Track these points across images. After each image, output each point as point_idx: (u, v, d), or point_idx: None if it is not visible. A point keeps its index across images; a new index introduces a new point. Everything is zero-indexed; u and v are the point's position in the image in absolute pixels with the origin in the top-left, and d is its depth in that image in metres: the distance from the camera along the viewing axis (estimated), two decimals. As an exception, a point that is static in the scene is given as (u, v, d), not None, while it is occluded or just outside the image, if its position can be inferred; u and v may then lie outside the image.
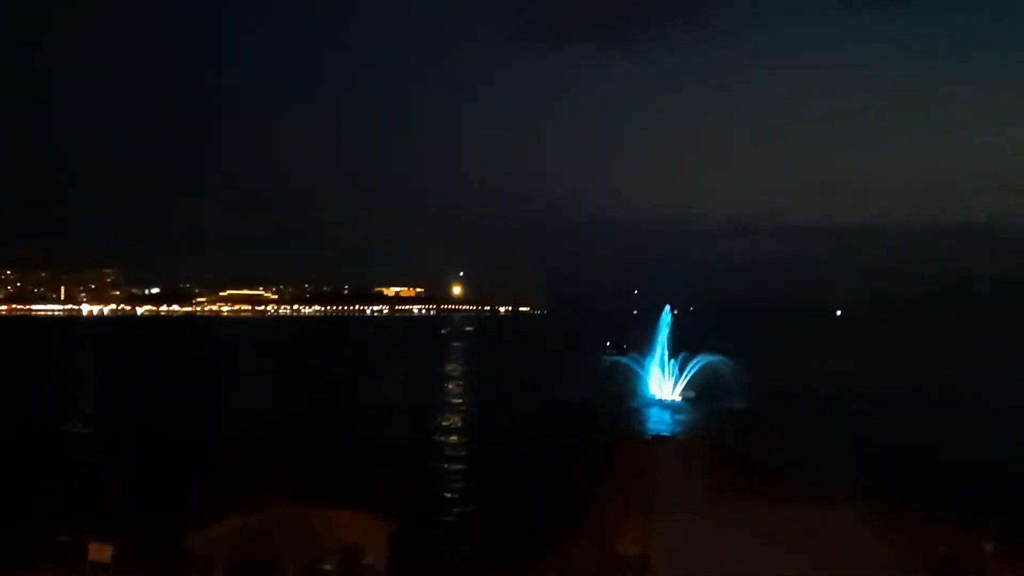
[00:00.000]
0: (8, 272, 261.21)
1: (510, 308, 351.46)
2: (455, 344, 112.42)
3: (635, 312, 48.10)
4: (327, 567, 12.53)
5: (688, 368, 43.78)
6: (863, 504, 20.88)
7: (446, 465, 27.01)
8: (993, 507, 21.54)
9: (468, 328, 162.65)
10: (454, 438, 32.82)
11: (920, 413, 40.09)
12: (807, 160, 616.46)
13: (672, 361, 44.37)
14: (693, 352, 44.42)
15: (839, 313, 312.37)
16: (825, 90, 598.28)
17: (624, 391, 43.40)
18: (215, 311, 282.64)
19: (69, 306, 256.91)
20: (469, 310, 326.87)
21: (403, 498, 20.99)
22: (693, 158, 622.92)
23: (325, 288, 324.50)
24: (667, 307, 46.25)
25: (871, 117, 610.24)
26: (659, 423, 36.35)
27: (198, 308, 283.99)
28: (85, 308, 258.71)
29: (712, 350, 45.05)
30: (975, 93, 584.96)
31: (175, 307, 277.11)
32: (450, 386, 52.62)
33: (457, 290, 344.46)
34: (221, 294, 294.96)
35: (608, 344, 53.45)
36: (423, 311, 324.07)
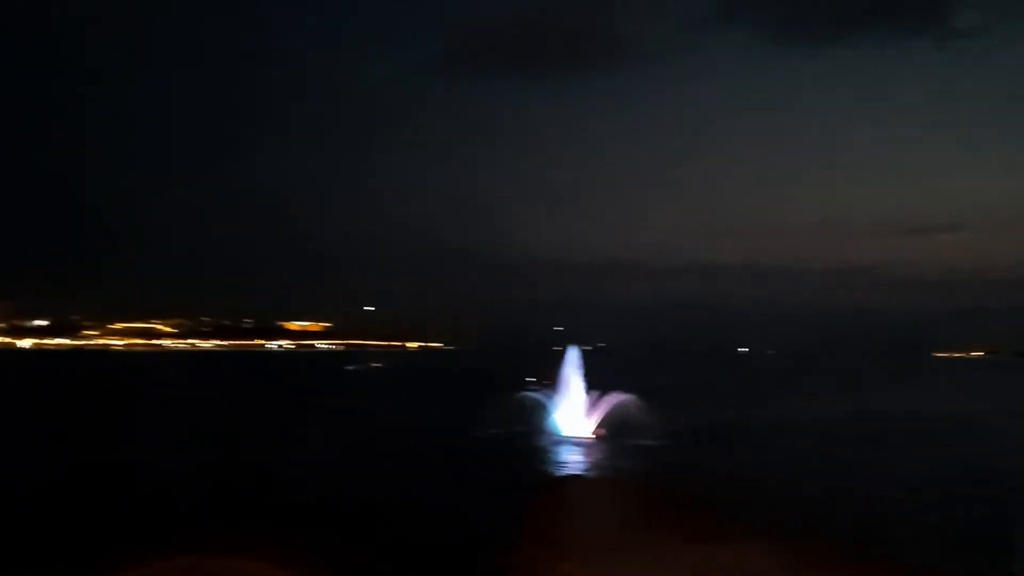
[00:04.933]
0: None
1: (420, 344, 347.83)
2: (360, 381, 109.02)
3: (556, 349, 47.64)
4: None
5: (600, 405, 42.81)
6: (776, 543, 20.17)
7: (347, 509, 24.56)
8: (907, 546, 21.06)
9: (376, 364, 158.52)
10: (354, 478, 30.30)
11: (836, 450, 40.12)
12: (725, 201, 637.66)
13: (584, 398, 43.34)
14: (605, 390, 43.64)
15: (745, 351, 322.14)
16: (742, 133, 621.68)
17: (535, 429, 42.14)
18: (105, 345, 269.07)
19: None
20: (378, 346, 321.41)
21: (306, 545, 19.28)
22: (611, 198, 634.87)
23: (225, 322, 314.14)
24: (576, 345, 45.37)
25: (781, 160, 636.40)
26: (569, 461, 35.00)
27: (86, 342, 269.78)
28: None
29: (625, 388, 44.39)
30: (885, 137, 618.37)
31: (62, 340, 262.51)
32: (351, 425, 49.98)
33: (365, 325, 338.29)
34: (112, 327, 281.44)
35: (529, 381, 52.23)
36: (330, 347, 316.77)
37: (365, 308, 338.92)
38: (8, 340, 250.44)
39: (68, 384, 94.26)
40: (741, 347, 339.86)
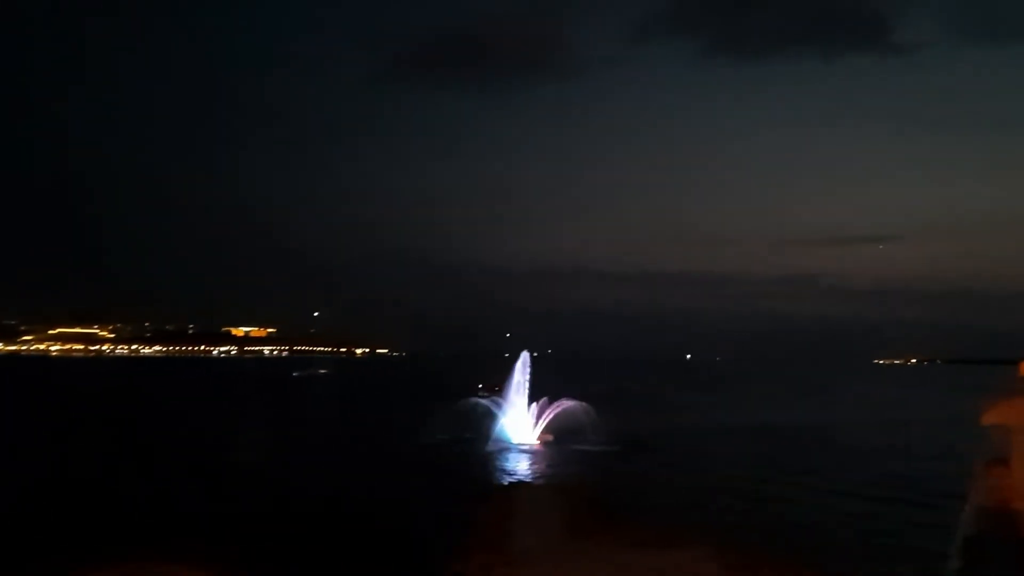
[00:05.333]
0: None
1: (368, 350, 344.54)
2: (306, 387, 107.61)
3: (507, 355, 47.60)
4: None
5: (546, 412, 43.03)
6: (715, 548, 20.55)
7: (289, 518, 24.21)
8: (847, 552, 21.56)
9: (323, 370, 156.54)
10: (296, 486, 29.91)
11: (776, 455, 40.88)
12: (662, 211, 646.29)
13: (531, 405, 43.52)
14: (553, 396, 43.90)
15: (688, 357, 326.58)
16: (683, 142, 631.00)
17: (482, 435, 42.17)
18: (43, 351, 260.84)
19: None
20: (325, 352, 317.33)
21: (246, 555, 18.68)
22: (552, 206, 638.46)
23: (168, 327, 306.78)
24: (525, 351, 45.50)
25: (725, 170, 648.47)
26: (516, 468, 35.13)
27: (23, 347, 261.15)
28: None
29: (572, 394, 44.75)
30: (822, 149, 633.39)
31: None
32: (294, 432, 49.33)
33: (312, 331, 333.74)
34: (51, 332, 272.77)
35: (480, 387, 52.24)
36: (275, 352, 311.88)
37: (312, 313, 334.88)
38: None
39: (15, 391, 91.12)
40: (686, 353, 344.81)
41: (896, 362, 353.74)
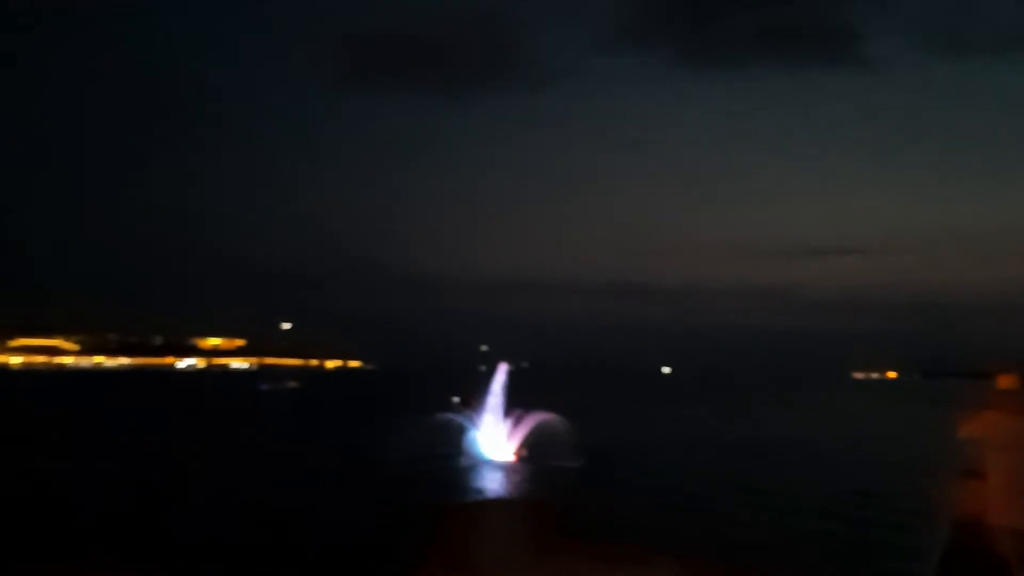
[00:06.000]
0: None
1: (339, 363, 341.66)
2: (274, 401, 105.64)
3: (482, 368, 46.55)
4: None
5: (521, 426, 42.01)
6: (682, 565, 19.81)
7: (247, 533, 22.94)
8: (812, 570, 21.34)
9: (292, 384, 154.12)
10: (260, 500, 28.61)
11: (750, 470, 40.42)
12: (630, 222, 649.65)
13: (506, 419, 42.49)
14: (526, 410, 42.89)
15: (666, 371, 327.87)
16: (650, 153, 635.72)
17: (455, 450, 41.07)
18: (2, 363, 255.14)
19: None
20: (295, 364, 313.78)
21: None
22: (518, 216, 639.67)
23: (133, 338, 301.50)
24: (502, 364, 44.55)
25: (692, 182, 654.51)
26: (489, 483, 34.23)
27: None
28: None
29: (546, 408, 43.79)
30: (792, 161, 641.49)
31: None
32: (261, 447, 47.98)
33: (281, 343, 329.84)
34: (11, 344, 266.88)
35: (456, 400, 51.16)
36: (244, 365, 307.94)
37: (282, 325, 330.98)
38: None
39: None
40: (661, 365, 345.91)
41: (873, 375, 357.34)
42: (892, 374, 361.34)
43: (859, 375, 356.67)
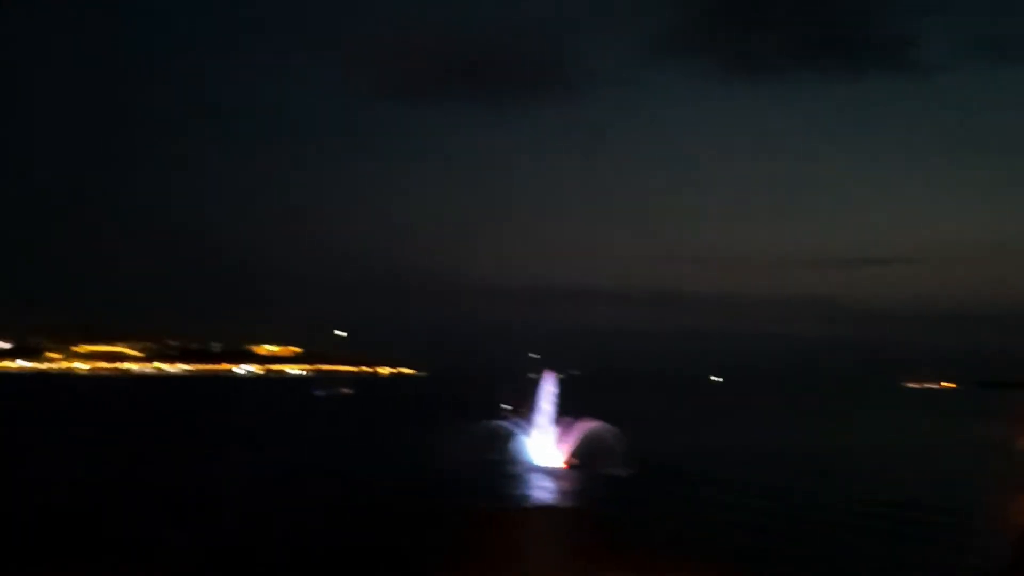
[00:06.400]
0: None
1: (392, 370, 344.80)
2: (329, 407, 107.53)
3: (533, 376, 47.16)
4: None
5: (572, 434, 42.32)
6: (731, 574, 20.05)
7: (304, 533, 23.80)
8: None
9: (345, 390, 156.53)
10: (318, 511, 29.52)
11: (796, 482, 40.06)
12: (676, 232, 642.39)
13: (556, 426, 42.83)
14: (577, 417, 43.18)
15: (718, 380, 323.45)
16: (697, 163, 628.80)
17: (505, 457, 41.54)
18: (70, 369, 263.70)
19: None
20: (348, 371, 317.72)
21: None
22: (576, 226, 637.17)
23: (193, 345, 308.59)
24: (551, 372, 44.93)
25: (738, 191, 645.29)
26: (538, 490, 34.59)
27: (50, 365, 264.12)
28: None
29: (596, 415, 43.99)
30: (837, 172, 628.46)
31: (23, 363, 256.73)
32: (316, 453, 49.02)
33: (336, 350, 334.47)
34: (77, 350, 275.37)
35: (506, 408, 51.77)
36: (300, 372, 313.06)
37: (336, 333, 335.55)
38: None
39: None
40: (711, 375, 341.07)
41: (927, 386, 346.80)
42: (948, 384, 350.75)
43: (913, 384, 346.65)
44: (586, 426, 42.65)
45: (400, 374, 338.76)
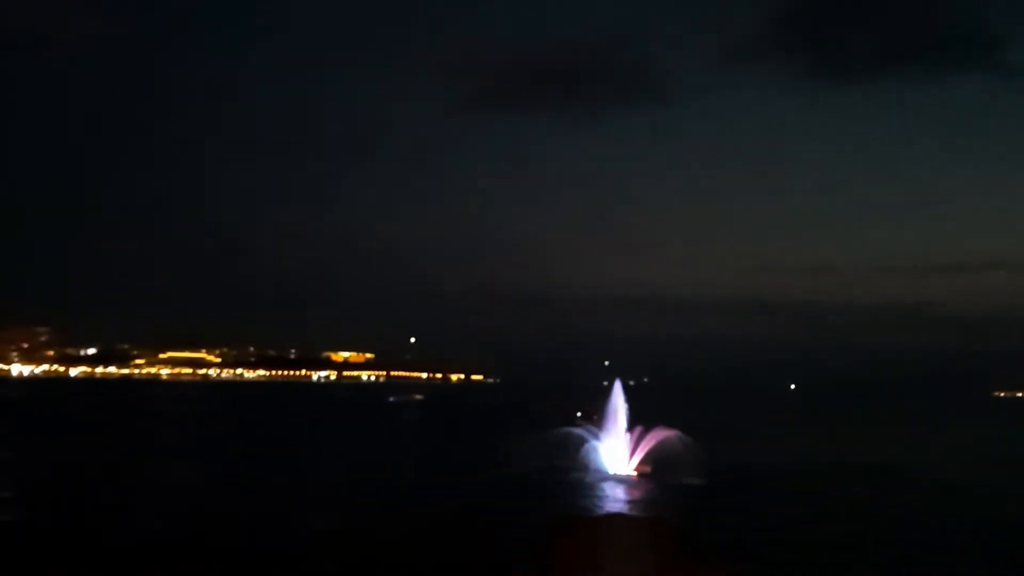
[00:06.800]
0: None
1: (463, 376, 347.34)
2: (400, 413, 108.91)
3: (604, 383, 47.04)
4: None
5: (643, 442, 41.84)
6: None
7: (377, 538, 24.06)
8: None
9: (417, 396, 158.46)
10: (387, 517, 29.88)
11: (878, 495, 38.72)
12: (760, 238, 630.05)
13: (627, 435, 42.42)
14: (648, 425, 42.68)
15: (792, 388, 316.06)
16: (780, 169, 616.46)
17: (578, 465, 41.26)
18: (154, 374, 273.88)
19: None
20: (420, 377, 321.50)
21: None
22: (650, 234, 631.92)
23: (270, 352, 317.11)
24: (618, 380, 44.54)
25: (824, 196, 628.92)
26: (609, 498, 34.27)
27: (136, 370, 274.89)
28: (15, 368, 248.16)
29: (668, 424, 43.39)
30: (923, 176, 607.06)
31: (111, 369, 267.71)
32: (389, 458, 49.72)
33: (408, 357, 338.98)
34: (161, 356, 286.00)
35: (578, 415, 51.60)
36: (372, 378, 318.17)
37: (409, 339, 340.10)
38: (59, 368, 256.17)
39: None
40: (788, 383, 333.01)
41: (1020, 395, 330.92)
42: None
43: (1003, 394, 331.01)
44: (659, 434, 42.13)
45: (471, 381, 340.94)
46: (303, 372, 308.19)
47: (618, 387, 43.61)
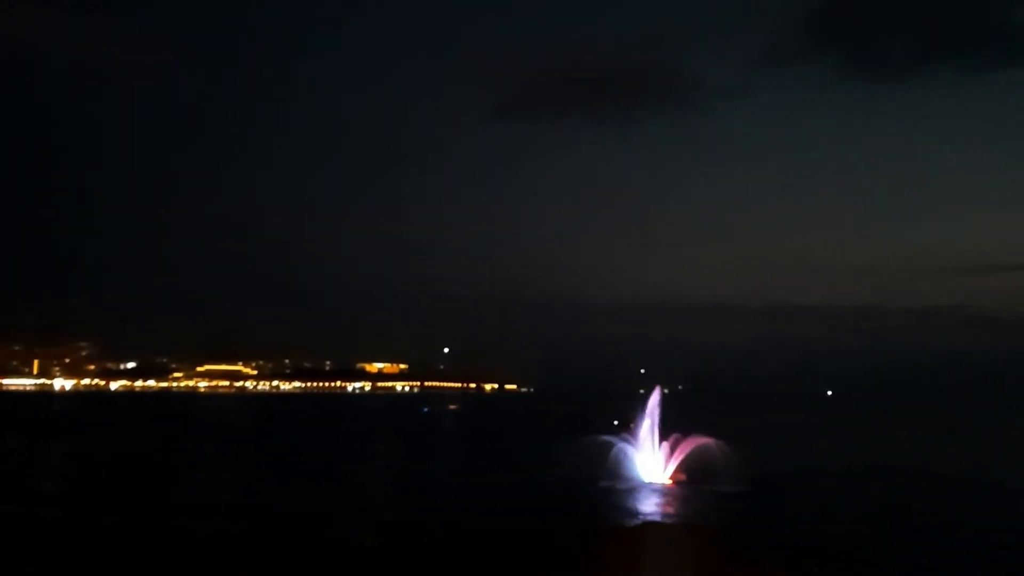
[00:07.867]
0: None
1: (496, 386, 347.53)
2: (436, 423, 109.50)
3: (641, 391, 46.99)
4: None
5: (679, 449, 41.87)
6: None
7: (412, 548, 24.49)
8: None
9: (452, 406, 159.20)
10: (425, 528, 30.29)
11: (916, 502, 38.35)
12: (794, 242, 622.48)
13: (663, 442, 42.46)
14: (685, 433, 42.68)
15: (829, 393, 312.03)
16: (818, 171, 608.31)
17: (612, 473, 41.39)
18: (192, 387, 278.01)
19: (42, 380, 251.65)
20: (454, 387, 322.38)
21: None
22: (685, 239, 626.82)
23: (306, 364, 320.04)
24: (656, 387, 44.55)
25: (860, 199, 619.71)
26: (645, 507, 34.37)
27: (174, 384, 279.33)
28: (57, 383, 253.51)
29: (704, 431, 43.37)
30: (967, 175, 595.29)
31: (150, 382, 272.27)
32: (421, 469, 50.18)
33: (442, 367, 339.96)
34: (199, 369, 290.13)
35: (615, 423, 51.76)
36: (406, 388, 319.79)
37: (443, 350, 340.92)
38: (100, 382, 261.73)
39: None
40: (825, 388, 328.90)
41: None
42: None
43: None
44: (694, 441, 42.11)
45: (505, 390, 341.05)
46: (338, 383, 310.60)
47: (656, 395, 43.57)
